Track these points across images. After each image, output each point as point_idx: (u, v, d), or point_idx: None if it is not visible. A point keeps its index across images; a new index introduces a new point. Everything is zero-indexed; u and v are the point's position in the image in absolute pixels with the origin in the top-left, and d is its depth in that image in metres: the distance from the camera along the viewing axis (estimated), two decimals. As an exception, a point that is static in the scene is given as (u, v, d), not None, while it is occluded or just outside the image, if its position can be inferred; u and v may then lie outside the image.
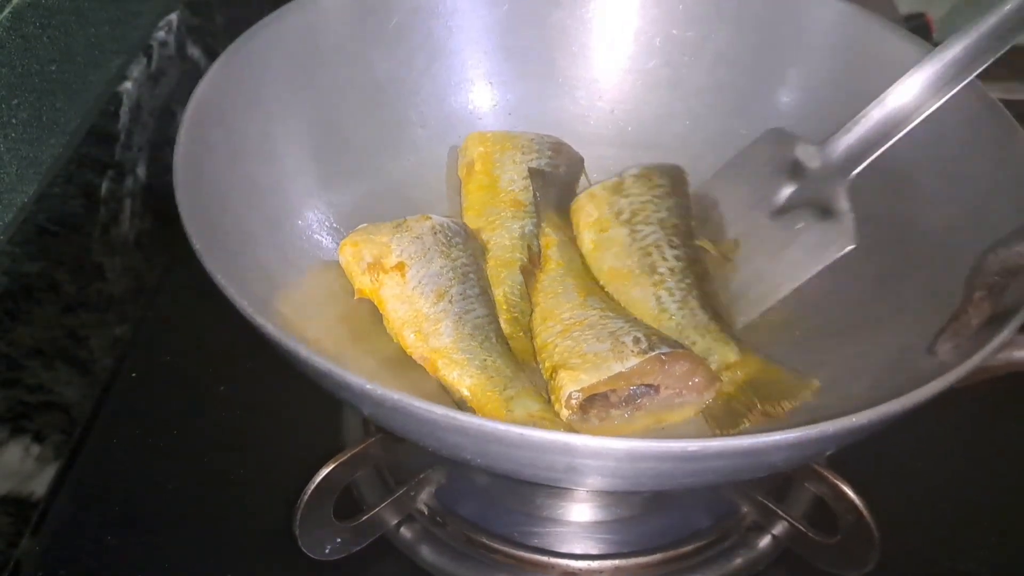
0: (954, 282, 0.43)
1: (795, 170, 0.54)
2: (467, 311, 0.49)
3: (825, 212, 0.51)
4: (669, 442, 0.31)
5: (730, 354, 0.49)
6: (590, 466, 0.34)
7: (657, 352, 0.46)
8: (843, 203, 0.51)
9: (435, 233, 0.52)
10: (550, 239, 0.55)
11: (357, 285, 0.51)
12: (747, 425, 0.46)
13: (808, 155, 0.53)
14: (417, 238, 0.52)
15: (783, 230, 0.53)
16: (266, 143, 0.52)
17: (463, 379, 0.47)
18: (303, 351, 0.35)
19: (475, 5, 0.60)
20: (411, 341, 0.49)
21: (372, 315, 0.51)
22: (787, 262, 0.52)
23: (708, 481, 0.37)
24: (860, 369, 0.46)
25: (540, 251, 0.54)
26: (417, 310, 0.50)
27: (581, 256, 0.55)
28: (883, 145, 0.50)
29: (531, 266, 0.54)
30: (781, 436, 0.31)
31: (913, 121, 0.49)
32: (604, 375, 0.45)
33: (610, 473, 0.34)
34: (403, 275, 0.51)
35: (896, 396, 0.33)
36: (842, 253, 0.50)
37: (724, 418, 0.47)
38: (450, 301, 0.50)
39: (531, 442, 0.32)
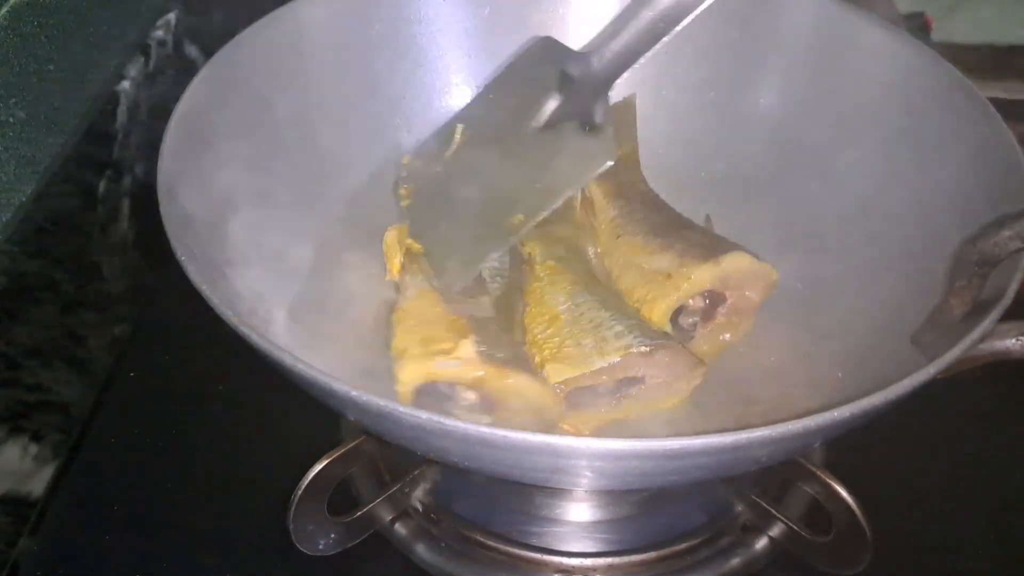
0: (935, 273, 0.43)
1: (563, 81, 0.51)
2: None
3: (588, 125, 0.49)
4: (651, 441, 0.31)
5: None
6: (574, 466, 0.34)
7: (637, 349, 0.46)
8: (602, 117, 0.48)
9: None
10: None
11: (389, 266, 0.53)
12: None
13: (575, 65, 0.50)
14: None
15: (550, 144, 0.50)
16: (251, 152, 0.52)
17: None
18: (288, 359, 0.34)
19: (457, 10, 0.60)
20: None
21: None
22: (555, 173, 0.49)
23: (695, 477, 0.36)
24: (843, 362, 0.46)
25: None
26: None
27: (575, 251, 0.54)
28: (647, 51, 0.47)
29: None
30: (764, 432, 0.31)
31: (684, 20, 0.46)
32: (585, 369, 0.46)
33: (595, 472, 0.34)
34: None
35: (879, 388, 0.33)
36: (602, 169, 0.47)
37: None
38: None
39: (515, 444, 0.32)
